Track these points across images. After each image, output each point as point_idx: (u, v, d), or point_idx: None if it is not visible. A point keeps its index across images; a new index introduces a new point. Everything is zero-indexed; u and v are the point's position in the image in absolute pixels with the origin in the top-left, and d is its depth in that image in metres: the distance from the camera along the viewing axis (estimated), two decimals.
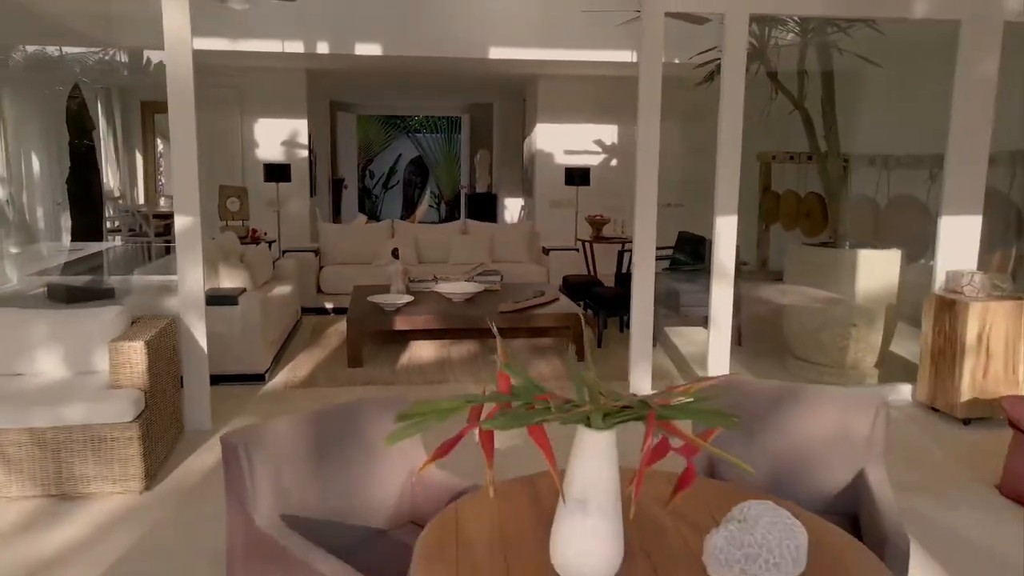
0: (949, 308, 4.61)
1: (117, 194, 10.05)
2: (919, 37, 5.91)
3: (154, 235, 9.52)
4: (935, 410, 4.75)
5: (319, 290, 7.45)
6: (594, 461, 1.42)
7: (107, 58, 9.53)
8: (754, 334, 6.35)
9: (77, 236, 8.10)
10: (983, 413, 4.50)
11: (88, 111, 8.38)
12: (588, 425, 1.42)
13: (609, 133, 9.80)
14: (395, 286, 6.08)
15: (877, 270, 5.29)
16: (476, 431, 1.45)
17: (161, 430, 3.79)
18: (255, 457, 1.94)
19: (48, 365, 3.77)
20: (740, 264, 5.58)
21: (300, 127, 9.48)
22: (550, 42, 7.93)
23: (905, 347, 5.72)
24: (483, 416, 1.46)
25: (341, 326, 6.32)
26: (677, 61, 6.01)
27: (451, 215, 16.56)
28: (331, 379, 5.27)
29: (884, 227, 6.85)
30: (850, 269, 5.31)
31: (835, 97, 5.52)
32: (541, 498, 1.86)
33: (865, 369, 5.34)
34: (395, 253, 6.54)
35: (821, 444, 2.32)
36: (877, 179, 7.32)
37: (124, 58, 9.24)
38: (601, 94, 9.41)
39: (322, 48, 7.72)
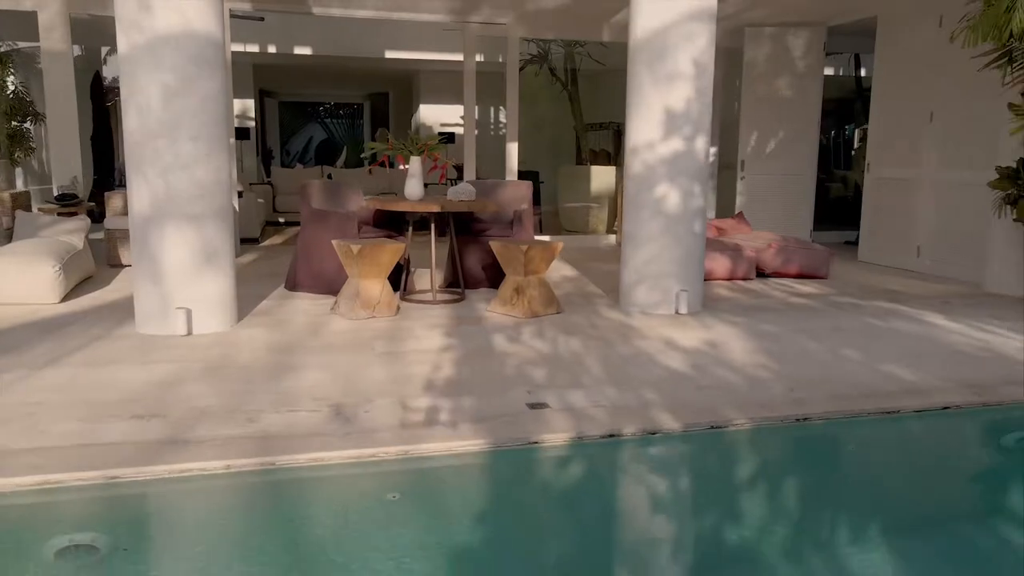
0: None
1: None
2: None
3: None
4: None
5: (274, 210, 11.23)
6: (413, 165, 5.49)
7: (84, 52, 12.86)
8: (548, 222, 10.65)
9: (98, 183, 11.44)
10: None
11: (103, 87, 11.76)
12: (412, 154, 5.49)
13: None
14: None
15: (603, 178, 9.64)
16: (383, 159, 5.52)
17: None
18: (309, 188, 5.91)
19: None
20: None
21: (248, 105, 13.17)
22: (428, 47, 11.96)
23: None
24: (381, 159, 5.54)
25: (291, 228, 10.18)
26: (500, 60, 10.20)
27: None
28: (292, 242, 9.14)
29: None
30: (587, 178, 9.65)
31: (578, 85, 9.84)
32: None
33: (600, 231, 9.69)
34: (329, 176, 10.44)
35: (510, 199, 6.46)
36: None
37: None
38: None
39: (271, 48, 11.49)
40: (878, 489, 3.07)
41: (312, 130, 22.32)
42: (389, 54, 11.87)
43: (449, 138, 12.88)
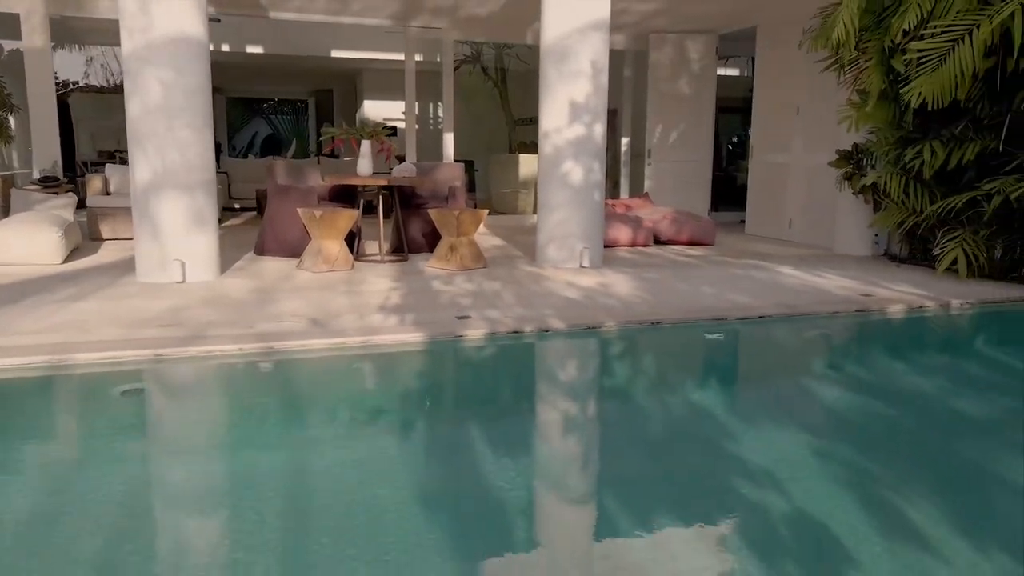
0: None
1: None
2: None
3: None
4: None
5: (229, 196, 12.14)
6: (364, 147, 6.62)
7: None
8: (482, 207, 11.84)
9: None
10: None
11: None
12: (363, 138, 6.61)
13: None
14: None
15: (530, 165, 10.87)
16: (338, 143, 6.63)
17: None
18: (275, 167, 6.97)
19: None
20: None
21: None
22: (371, 47, 13.00)
23: None
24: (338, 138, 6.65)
25: (246, 212, 11.13)
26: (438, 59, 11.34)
27: None
28: (253, 223, 10.13)
29: None
30: (516, 165, 10.87)
31: (507, 82, 11.05)
32: None
33: (528, 212, 10.92)
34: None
35: (446, 178, 7.62)
36: None
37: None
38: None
39: (225, 47, 12.37)
40: (702, 357, 4.36)
41: (257, 125, 23.03)
42: (335, 53, 12.87)
43: (392, 132, 13.96)
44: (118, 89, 15.26)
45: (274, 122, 22.93)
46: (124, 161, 13.61)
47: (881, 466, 2.85)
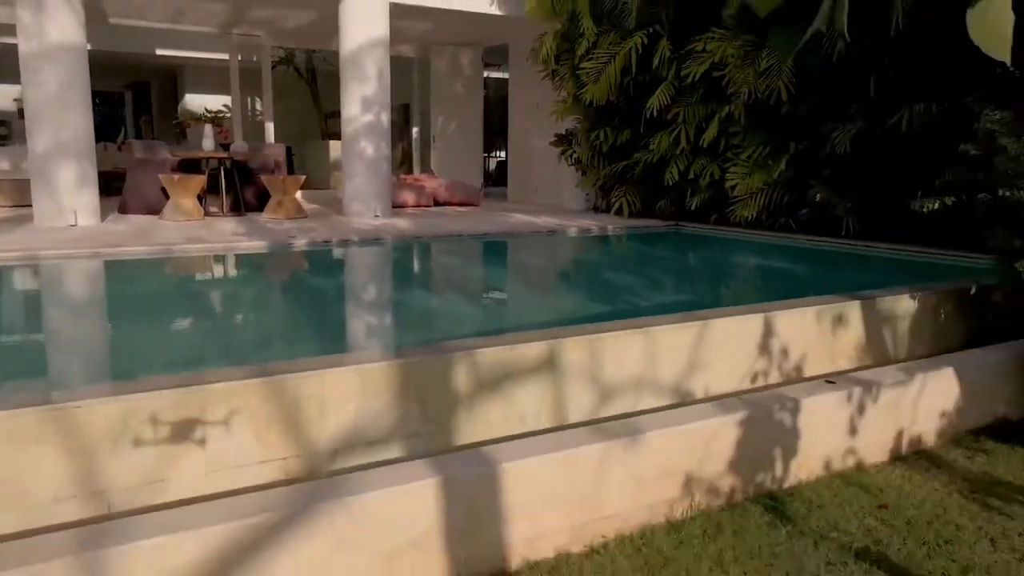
0: None
1: None
2: None
3: None
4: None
5: None
6: (207, 128, 8.81)
7: None
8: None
9: None
10: None
11: None
12: (207, 122, 8.79)
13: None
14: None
15: (336, 149, 13.27)
16: (185, 125, 8.77)
17: None
18: (132, 145, 8.97)
19: None
20: None
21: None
22: (193, 47, 14.73)
23: None
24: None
25: None
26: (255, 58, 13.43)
27: None
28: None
29: None
30: (327, 150, 13.26)
31: (319, 81, 13.38)
32: None
33: (339, 188, 13.33)
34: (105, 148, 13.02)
35: (270, 154, 9.91)
36: None
37: None
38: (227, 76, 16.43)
39: None
40: (438, 250, 7.18)
41: None
42: (159, 51, 14.51)
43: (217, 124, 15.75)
44: None
45: None
46: None
47: (532, 283, 5.73)
